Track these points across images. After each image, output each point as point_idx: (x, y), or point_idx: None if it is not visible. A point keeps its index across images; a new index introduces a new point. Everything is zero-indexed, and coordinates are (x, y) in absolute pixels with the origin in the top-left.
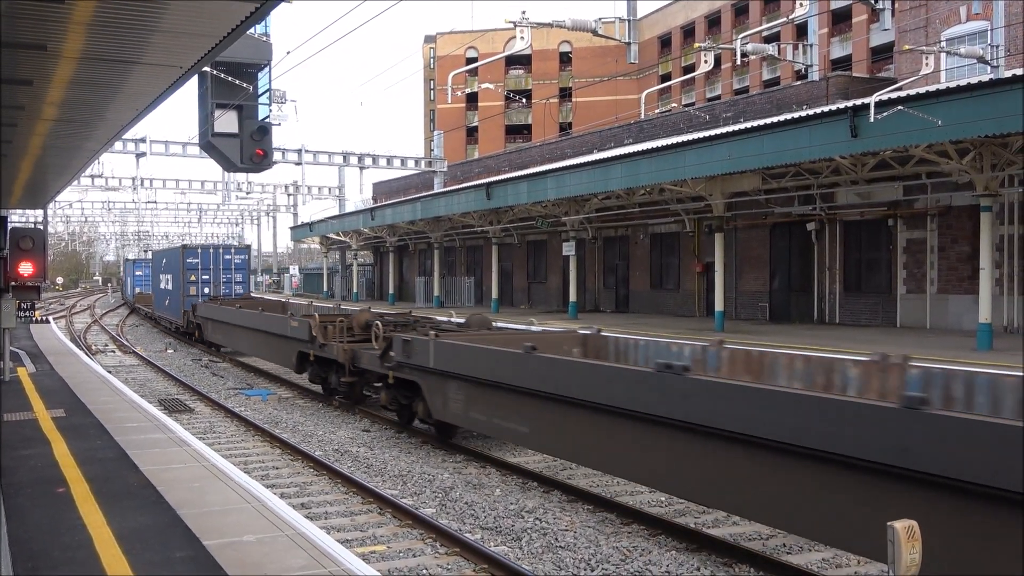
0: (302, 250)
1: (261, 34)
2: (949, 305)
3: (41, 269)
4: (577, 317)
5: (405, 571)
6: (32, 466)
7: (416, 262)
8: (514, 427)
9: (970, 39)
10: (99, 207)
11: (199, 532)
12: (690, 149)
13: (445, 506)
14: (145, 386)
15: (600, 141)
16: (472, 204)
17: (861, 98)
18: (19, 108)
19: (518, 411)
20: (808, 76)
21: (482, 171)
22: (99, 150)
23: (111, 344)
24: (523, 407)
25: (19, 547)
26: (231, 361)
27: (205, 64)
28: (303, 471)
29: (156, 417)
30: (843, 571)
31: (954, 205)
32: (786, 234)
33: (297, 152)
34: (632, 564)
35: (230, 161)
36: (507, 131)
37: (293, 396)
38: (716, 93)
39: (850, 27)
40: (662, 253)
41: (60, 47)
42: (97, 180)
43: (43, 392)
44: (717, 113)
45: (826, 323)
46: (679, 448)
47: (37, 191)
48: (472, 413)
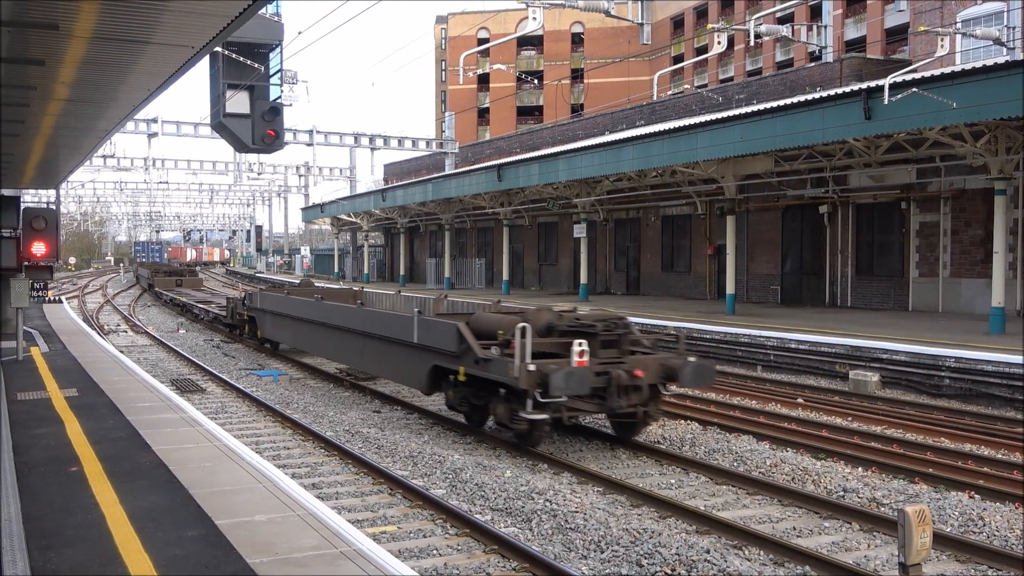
0: (313, 231)
1: (272, 14)
2: (962, 289)
3: (54, 249)
4: (588, 299)
5: (416, 551)
6: (45, 445)
7: (427, 243)
8: (303, 341)
9: (986, 20)
10: (111, 187)
11: (211, 511)
12: (702, 131)
13: (455, 487)
14: (157, 366)
15: (612, 123)
16: (483, 186)
17: (875, 80)
18: (31, 88)
19: (307, 332)
20: (822, 57)
21: (493, 152)
22: (111, 130)
23: (123, 324)
24: (320, 331)
25: (32, 525)
26: (243, 342)
27: (217, 44)
28: (314, 452)
29: (168, 397)
30: (852, 554)
31: (968, 188)
32: (798, 217)
33: (308, 133)
34: (642, 546)
35: (241, 142)
36: (518, 112)
37: (304, 377)
38: (729, 75)
39: (865, 8)
40: (673, 235)
41: (72, 27)
42: (109, 160)
43: (56, 372)
44: (730, 95)
45: (837, 306)
46: (359, 343)
47: (49, 171)
48: (283, 335)
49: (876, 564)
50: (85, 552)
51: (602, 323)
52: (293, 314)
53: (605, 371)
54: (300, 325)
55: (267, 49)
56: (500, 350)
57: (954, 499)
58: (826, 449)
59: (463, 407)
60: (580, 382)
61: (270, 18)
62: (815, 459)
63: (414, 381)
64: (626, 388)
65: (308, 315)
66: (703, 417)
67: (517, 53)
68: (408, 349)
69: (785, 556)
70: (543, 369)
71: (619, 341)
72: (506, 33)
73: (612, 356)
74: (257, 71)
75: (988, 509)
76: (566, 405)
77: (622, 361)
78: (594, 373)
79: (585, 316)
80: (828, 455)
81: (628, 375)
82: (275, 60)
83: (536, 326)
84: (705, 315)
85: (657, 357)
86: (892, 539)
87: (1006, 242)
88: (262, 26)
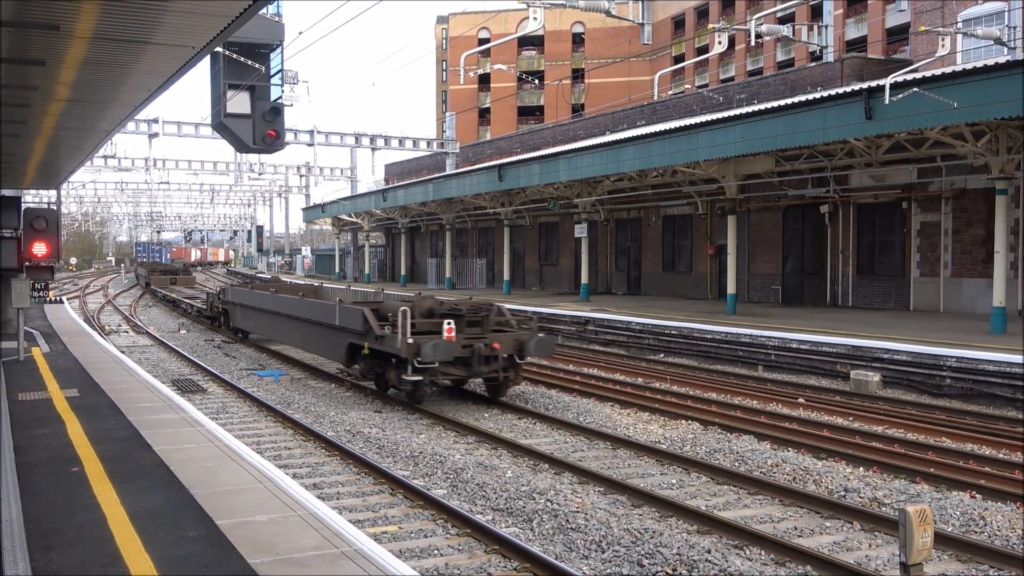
0: (314, 231)
1: (273, 14)
2: (963, 288)
3: (55, 249)
4: (589, 299)
5: (417, 551)
6: (46, 445)
7: (428, 243)
8: (270, 331)
9: (987, 20)
10: (112, 188)
11: (212, 512)
12: (703, 131)
13: (456, 487)
14: (158, 366)
15: (613, 123)
16: (484, 186)
17: (876, 80)
18: (32, 88)
19: (274, 322)
20: (823, 57)
21: (494, 152)
22: (112, 130)
23: (124, 324)
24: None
25: (34, 525)
26: (244, 342)
27: (217, 44)
28: (315, 452)
29: (169, 397)
30: (853, 554)
31: (969, 188)
32: (799, 217)
33: (309, 133)
34: (643, 546)
35: (242, 142)
36: (519, 112)
37: (305, 377)
38: (730, 74)
39: (866, 8)
40: (674, 235)
41: (72, 27)
42: (110, 161)
43: (57, 372)
44: (731, 95)
45: (839, 306)
46: (301, 327)
47: (50, 172)
48: (249, 324)
49: (877, 564)
50: (86, 552)
51: (470, 308)
52: (255, 305)
53: (469, 344)
54: (260, 315)
55: (268, 49)
56: (391, 329)
57: (955, 499)
58: (827, 449)
59: (370, 376)
60: (446, 351)
61: (271, 18)
62: (816, 459)
63: (337, 356)
64: (486, 357)
65: (265, 306)
66: (704, 417)
67: (518, 53)
68: (332, 330)
69: (786, 556)
70: (418, 342)
71: (483, 322)
72: (507, 33)
73: (476, 333)
74: (258, 71)
75: (989, 509)
76: (439, 370)
77: (484, 337)
78: (461, 346)
79: (458, 302)
80: (829, 455)
81: (487, 347)
82: (276, 60)
83: (420, 310)
84: (706, 315)
85: (512, 334)
86: (893, 539)
87: (1007, 242)
88: (263, 26)
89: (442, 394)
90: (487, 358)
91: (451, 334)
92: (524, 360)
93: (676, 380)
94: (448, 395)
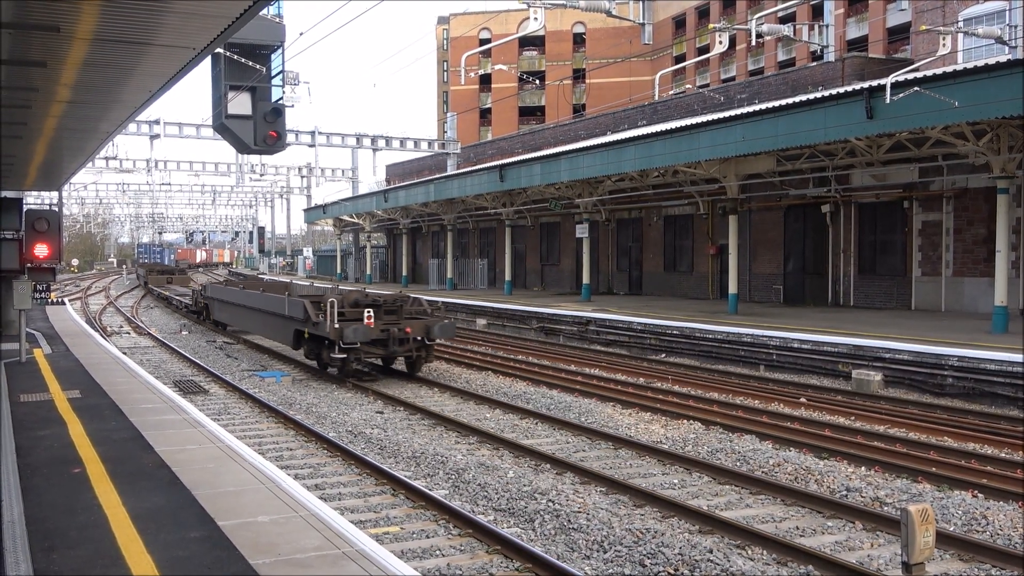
0: (316, 232)
1: (274, 15)
2: (965, 288)
3: (56, 251)
4: (590, 299)
5: (419, 552)
6: (48, 446)
7: (429, 244)
8: (239, 322)
9: (988, 19)
10: (113, 189)
11: (214, 512)
12: (704, 131)
13: (458, 487)
14: (160, 367)
15: (614, 123)
16: (485, 186)
17: (877, 79)
18: (33, 90)
19: (241, 313)
20: (824, 57)
21: (495, 153)
22: (113, 132)
23: (126, 326)
24: (241, 311)
25: (35, 526)
26: (245, 343)
27: (218, 45)
28: (317, 452)
29: (171, 398)
30: (855, 554)
31: (970, 187)
32: (800, 216)
33: (310, 134)
34: (645, 546)
35: (244, 143)
36: (520, 113)
37: (307, 378)
38: (731, 74)
39: (866, 7)
40: (676, 235)
41: (73, 28)
42: (111, 162)
43: (59, 373)
44: (732, 94)
45: (840, 306)
46: (259, 317)
47: (52, 173)
48: (224, 316)
49: (879, 563)
50: (88, 553)
51: (389, 299)
52: (227, 300)
53: (387, 328)
54: (232, 307)
55: (269, 50)
56: (324, 316)
57: (957, 498)
58: (829, 448)
59: (312, 356)
60: (365, 334)
61: (271, 19)
62: (818, 459)
63: (287, 340)
64: (400, 339)
65: (235, 300)
66: (706, 417)
67: (519, 53)
68: (283, 319)
69: (788, 556)
70: (343, 326)
71: (399, 310)
72: (508, 33)
73: (392, 320)
74: (259, 72)
75: (991, 508)
76: (361, 350)
77: (399, 323)
78: (379, 330)
79: (379, 295)
80: (831, 454)
81: (401, 331)
82: (277, 61)
83: (348, 302)
84: (707, 315)
85: (422, 320)
86: (895, 538)
87: (1009, 241)
88: (263, 27)
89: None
90: (401, 340)
91: (370, 320)
92: (433, 342)
93: (678, 380)
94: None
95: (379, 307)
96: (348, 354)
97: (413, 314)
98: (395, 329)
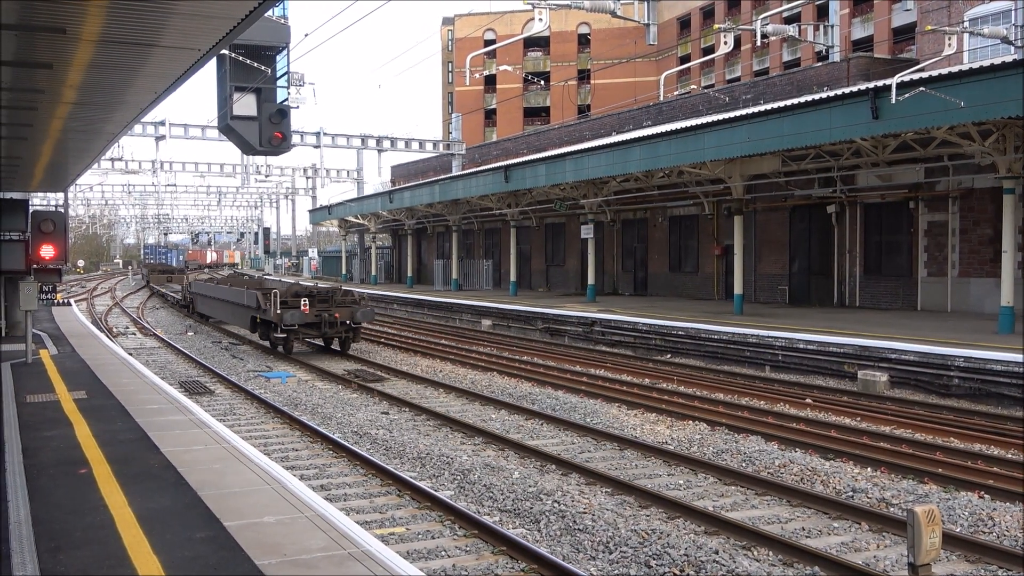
0: (321, 233)
1: (279, 16)
2: (970, 288)
3: (62, 252)
4: (595, 300)
5: (424, 552)
6: (55, 447)
7: (434, 245)
8: (214, 312)
9: (993, 19)
10: (119, 190)
11: (219, 513)
12: (709, 131)
13: (463, 488)
14: (165, 368)
15: (619, 123)
16: (490, 187)
17: (882, 79)
18: (39, 92)
19: (215, 304)
20: (829, 57)
21: (500, 154)
22: (119, 133)
23: (132, 327)
24: (215, 303)
25: (42, 527)
26: (251, 344)
27: (223, 47)
28: (322, 453)
29: (177, 399)
30: (861, 555)
31: (976, 187)
32: (806, 217)
33: (315, 135)
34: (650, 547)
35: (249, 144)
36: (525, 113)
37: (312, 379)
38: (736, 75)
39: (872, 7)
40: (681, 236)
41: (79, 30)
42: (117, 163)
43: (65, 374)
44: (737, 95)
45: (846, 306)
46: (228, 307)
47: (58, 174)
48: (205, 309)
49: (885, 564)
50: (94, 554)
51: (323, 290)
52: (206, 294)
53: (319, 314)
54: (209, 300)
55: (274, 51)
56: (270, 304)
57: (964, 499)
58: (835, 449)
59: (264, 338)
60: (301, 318)
61: (276, 20)
62: (824, 459)
63: (245, 324)
64: (330, 323)
65: (211, 293)
66: (711, 418)
67: (524, 54)
68: (243, 307)
69: (794, 557)
70: (283, 312)
71: (330, 299)
72: (512, 34)
73: (324, 307)
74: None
75: (998, 509)
76: (298, 331)
77: (330, 309)
78: (314, 315)
79: (316, 287)
80: (837, 455)
81: (331, 316)
82: (282, 62)
83: (289, 292)
84: (713, 315)
85: (349, 307)
86: (901, 539)
87: (1015, 241)
88: (269, 28)
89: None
90: (331, 323)
91: (306, 307)
92: (359, 324)
93: (683, 381)
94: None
95: (314, 296)
96: (288, 334)
97: (342, 302)
98: (326, 314)
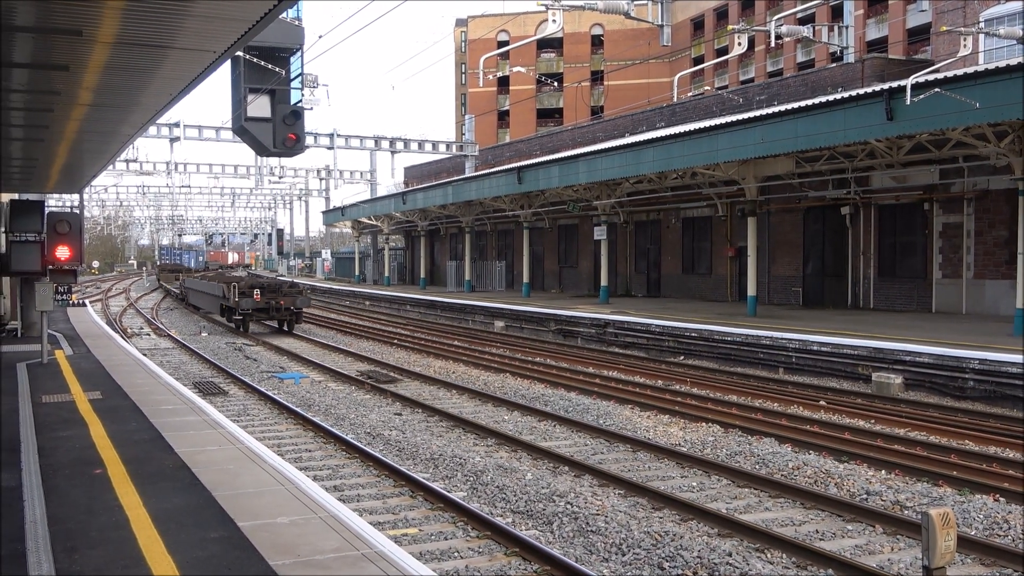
0: (334, 234)
1: (293, 18)
2: (985, 290)
3: (77, 253)
4: (608, 301)
5: (437, 553)
6: (70, 447)
7: (447, 246)
8: (203, 305)
9: (1010, 19)
10: (134, 191)
11: (233, 513)
12: (723, 132)
13: (476, 490)
14: (179, 369)
15: (632, 124)
16: (503, 188)
17: (897, 80)
18: (55, 94)
19: (200, 296)
20: (843, 58)
21: (513, 155)
22: (134, 135)
23: (146, 327)
24: (200, 295)
25: (57, 526)
26: (264, 345)
27: (238, 49)
28: (335, 454)
29: (191, 399)
30: (876, 557)
31: (991, 189)
32: (820, 218)
33: (329, 136)
34: (663, 549)
35: (263, 145)
36: (538, 115)
37: (325, 380)
38: (750, 76)
39: (886, 8)
40: (694, 237)
41: (95, 32)
42: (132, 164)
43: (80, 374)
44: (750, 96)
45: (860, 308)
46: (208, 297)
47: (73, 176)
48: (194, 300)
49: (900, 567)
50: (109, 553)
51: (272, 282)
52: (194, 287)
53: (268, 301)
54: (196, 293)
55: (288, 53)
56: (231, 294)
57: (979, 502)
58: (849, 452)
59: (232, 322)
60: (253, 304)
61: (291, 22)
62: (838, 462)
63: (217, 311)
64: (277, 308)
65: (197, 287)
66: (725, 420)
67: (537, 55)
68: (216, 297)
69: (808, 559)
70: (239, 299)
71: (278, 290)
72: (526, 36)
73: (273, 296)
74: (278, 75)
75: (1013, 512)
76: (252, 315)
77: (277, 298)
78: (264, 302)
79: (266, 280)
80: (851, 458)
81: (277, 303)
82: (296, 64)
83: (247, 284)
84: (726, 317)
85: (292, 296)
86: (916, 542)
87: None
88: (283, 30)
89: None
90: (277, 308)
91: (258, 296)
92: (300, 310)
93: (696, 382)
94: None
95: (265, 288)
96: (244, 317)
97: (288, 292)
98: (273, 302)
